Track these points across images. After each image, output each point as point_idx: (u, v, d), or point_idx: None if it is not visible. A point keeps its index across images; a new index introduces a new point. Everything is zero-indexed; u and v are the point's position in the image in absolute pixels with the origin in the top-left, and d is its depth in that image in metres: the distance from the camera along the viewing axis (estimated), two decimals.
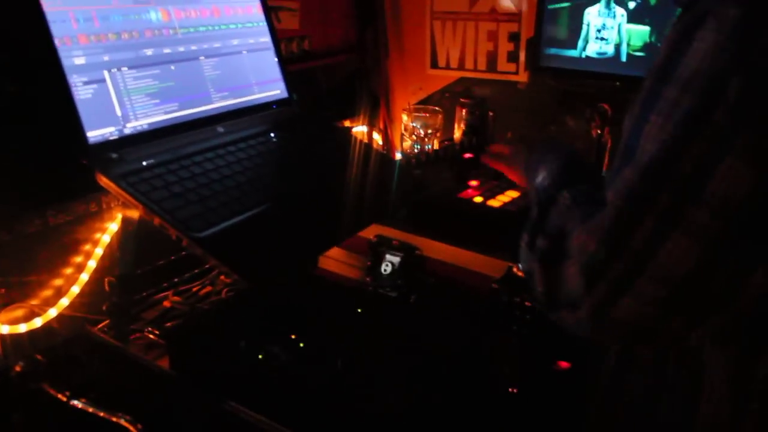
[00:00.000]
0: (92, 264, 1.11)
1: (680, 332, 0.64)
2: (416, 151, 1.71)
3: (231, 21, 1.18)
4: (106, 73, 0.95)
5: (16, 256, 1.03)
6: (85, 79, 0.92)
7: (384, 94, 1.95)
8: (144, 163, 0.95)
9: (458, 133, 1.71)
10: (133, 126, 0.98)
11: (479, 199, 1.34)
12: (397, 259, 1.22)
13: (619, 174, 0.64)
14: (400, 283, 1.21)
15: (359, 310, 1.13)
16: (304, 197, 1.04)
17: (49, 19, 0.89)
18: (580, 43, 1.56)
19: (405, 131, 1.75)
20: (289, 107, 1.27)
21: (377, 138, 1.92)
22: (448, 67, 1.85)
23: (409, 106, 1.78)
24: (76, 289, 1.10)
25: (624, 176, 0.63)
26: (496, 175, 1.43)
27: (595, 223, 0.64)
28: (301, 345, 1.02)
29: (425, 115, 1.73)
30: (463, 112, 1.69)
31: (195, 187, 0.95)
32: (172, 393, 0.95)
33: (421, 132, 1.72)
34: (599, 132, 1.50)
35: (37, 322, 1.04)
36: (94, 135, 0.92)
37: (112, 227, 1.13)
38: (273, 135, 1.17)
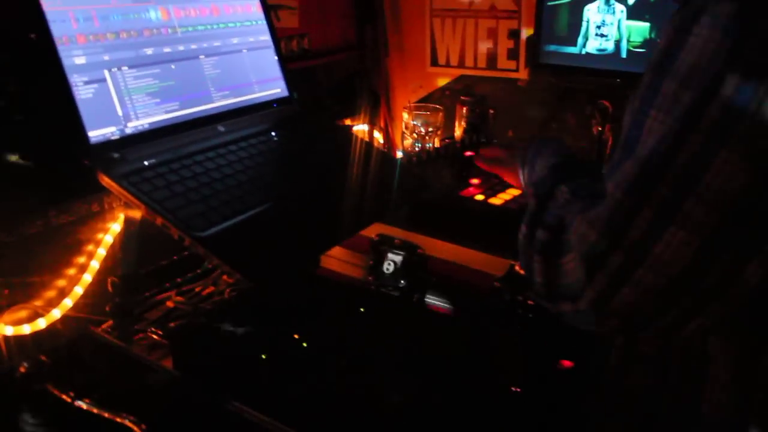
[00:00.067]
0: (95, 264, 1.11)
1: (679, 321, 0.64)
2: (417, 149, 1.71)
3: (231, 19, 1.18)
4: (106, 72, 0.95)
5: (18, 257, 1.02)
6: (85, 78, 0.92)
7: (384, 92, 1.95)
8: (145, 163, 0.95)
9: (459, 131, 1.71)
10: (134, 125, 0.97)
11: (481, 197, 1.34)
12: (399, 258, 1.21)
13: (619, 167, 0.64)
14: (402, 281, 1.21)
15: (361, 310, 1.13)
16: (306, 196, 1.04)
17: (49, 18, 0.89)
18: (580, 40, 1.56)
19: (406, 129, 1.74)
20: (289, 106, 1.26)
21: (378, 136, 1.92)
22: (448, 64, 1.85)
23: (410, 104, 1.78)
24: (79, 290, 1.10)
25: (624, 169, 0.63)
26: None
27: (596, 215, 0.65)
28: (304, 344, 1.02)
29: (426, 113, 1.73)
30: (464, 109, 1.69)
31: (197, 186, 0.95)
32: (176, 393, 0.95)
33: (421, 130, 1.72)
34: (600, 129, 1.50)
35: (41, 323, 1.04)
36: (95, 135, 0.92)
37: (114, 227, 1.13)
38: (274, 134, 1.16)
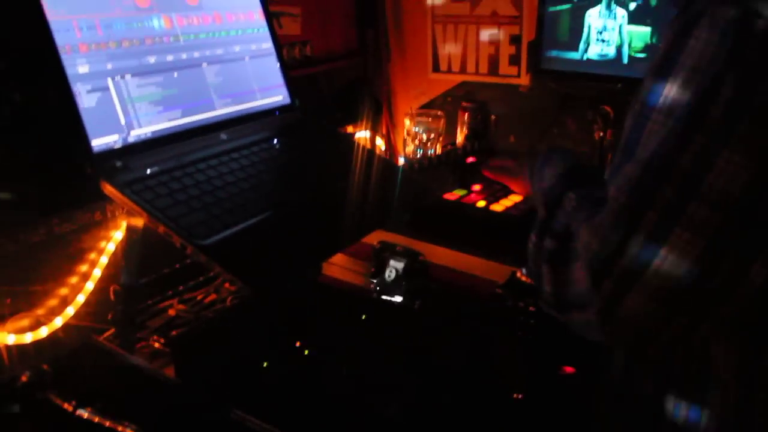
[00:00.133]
0: (97, 273, 1.11)
1: (687, 328, 0.64)
2: (419, 155, 1.71)
3: (233, 27, 1.19)
4: (109, 80, 0.96)
5: (21, 266, 1.02)
6: (88, 87, 0.92)
7: (386, 98, 1.95)
8: (148, 171, 0.95)
9: (461, 137, 1.71)
10: (136, 134, 0.98)
11: (482, 203, 1.34)
12: (400, 265, 1.21)
13: (620, 170, 0.65)
14: (404, 288, 1.21)
15: (363, 317, 1.13)
16: (308, 203, 1.04)
17: (53, 27, 0.89)
18: (581, 46, 1.56)
19: (408, 136, 1.75)
20: (291, 113, 1.27)
21: (380, 143, 1.92)
22: (449, 71, 1.85)
23: (412, 111, 1.78)
24: (81, 298, 1.09)
25: (625, 172, 0.63)
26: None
27: (598, 222, 0.65)
28: (306, 352, 1.02)
29: (428, 120, 1.73)
30: (466, 116, 1.70)
31: (199, 194, 0.95)
32: (178, 401, 0.95)
33: (423, 136, 1.72)
34: (601, 134, 1.50)
35: (43, 332, 1.04)
36: (98, 143, 0.92)
37: (117, 236, 1.13)
38: (276, 141, 1.17)
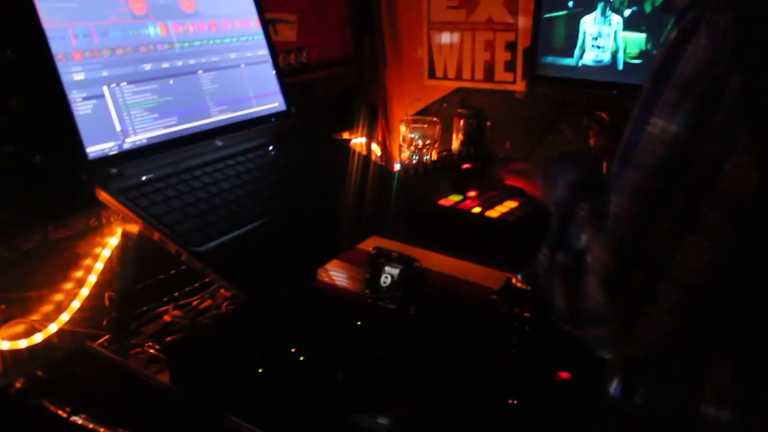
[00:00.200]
0: (92, 279, 1.11)
1: (705, 341, 0.64)
2: (415, 161, 1.71)
3: (229, 34, 1.19)
4: (105, 88, 0.96)
5: (16, 272, 1.02)
6: (84, 94, 0.93)
7: (382, 105, 1.96)
8: (143, 178, 0.96)
9: (456, 144, 1.72)
10: (132, 141, 0.98)
11: (478, 209, 1.34)
12: (396, 271, 1.22)
13: (621, 178, 0.64)
14: (400, 294, 1.21)
15: (359, 323, 1.13)
16: (303, 210, 1.04)
17: (49, 35, 0.90)
18: (576, 52, 1.57)
19: (403, 142, 1.75)
20: (287, 120, 1.27)
21: (376, 149, 1.93)
22: (445, 77, 1.86)
23: (407, 117, 1.78)
24: (76, 304, 1.09)
25: (629, 180, 0.63)
26: (494, 186, 1.44)
27: (609, 234, 0.64)
28: (301, 358, 1.02)
29: (423, 126, 1.73)
30: (461, 122, 1.70)
31: (194, 201, 0.95)
32: (173, 407, 0.95)
33: (419, 143, 1.72)
34: (597, 140, 1.50)
35: (38, 338, 1.04)
36: (93, 150, 0.93)
37: (112, 242, 1.13)
38: (272, 148, 1.17)
